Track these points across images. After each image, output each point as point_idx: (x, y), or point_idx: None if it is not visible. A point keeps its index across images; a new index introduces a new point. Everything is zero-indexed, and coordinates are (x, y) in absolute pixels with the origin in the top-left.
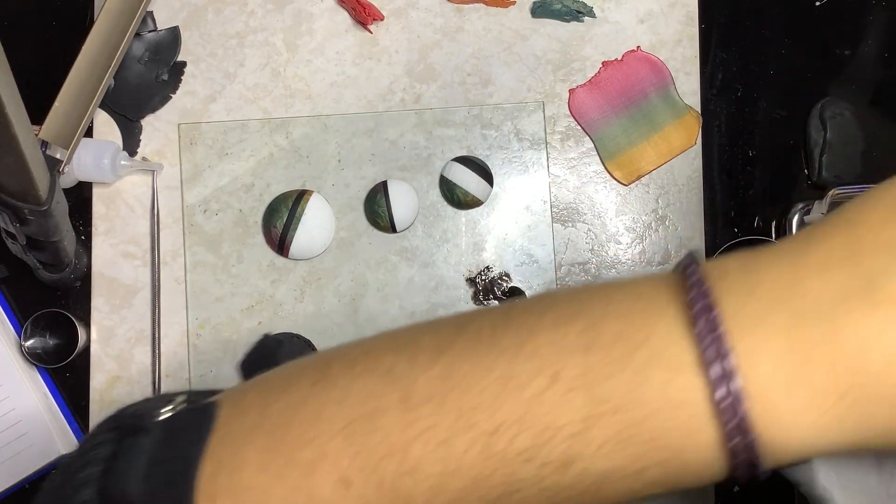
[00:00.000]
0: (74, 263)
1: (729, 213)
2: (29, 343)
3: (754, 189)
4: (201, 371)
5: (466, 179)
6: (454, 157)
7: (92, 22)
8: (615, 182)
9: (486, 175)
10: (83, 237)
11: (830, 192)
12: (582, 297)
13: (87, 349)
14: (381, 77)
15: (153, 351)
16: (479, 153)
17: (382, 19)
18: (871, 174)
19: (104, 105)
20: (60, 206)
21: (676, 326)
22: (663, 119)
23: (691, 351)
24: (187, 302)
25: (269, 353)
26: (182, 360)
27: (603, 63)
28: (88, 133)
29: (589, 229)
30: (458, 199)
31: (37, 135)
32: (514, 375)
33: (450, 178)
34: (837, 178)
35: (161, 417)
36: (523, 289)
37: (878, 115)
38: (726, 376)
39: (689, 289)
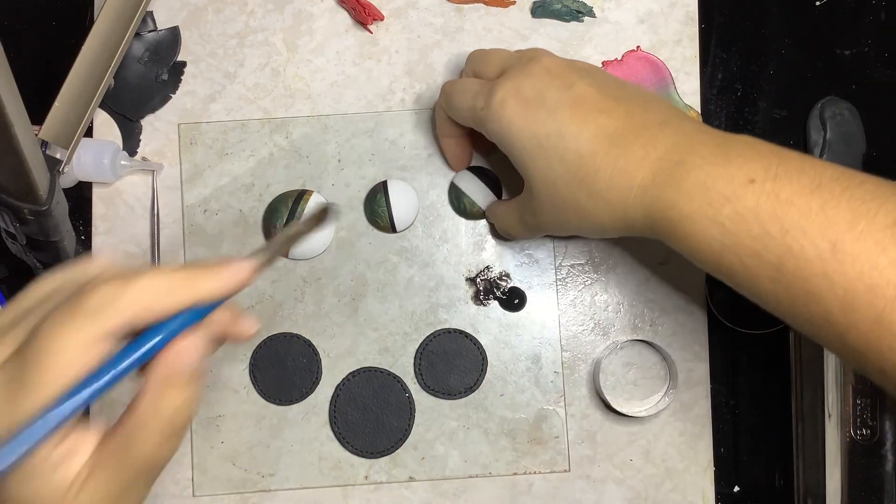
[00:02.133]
0: None
1: None
2: None
3: None
4: None
5: (476, 191)
6: (469, 165)
7: (92, 22)
8: None
9: (496, 188)
10: (83, 237)
11: None
12: None
13: None
14: (381, 77)
15: None
16: None
17: (382, 19)
18: (870, 174)
19: (104, 105)
20: (60, 206)
21: None
22: None
23: None
24: None
25: (275, 354)
26: None
27: (603, 63)
28: (88, 133)
29: None
30: (464, 207)
31: (37, 135)
32: None
33: (460, 186)
34: None
35: None
36: (523, 289)
37: (878, 115)
38: None
39: None
